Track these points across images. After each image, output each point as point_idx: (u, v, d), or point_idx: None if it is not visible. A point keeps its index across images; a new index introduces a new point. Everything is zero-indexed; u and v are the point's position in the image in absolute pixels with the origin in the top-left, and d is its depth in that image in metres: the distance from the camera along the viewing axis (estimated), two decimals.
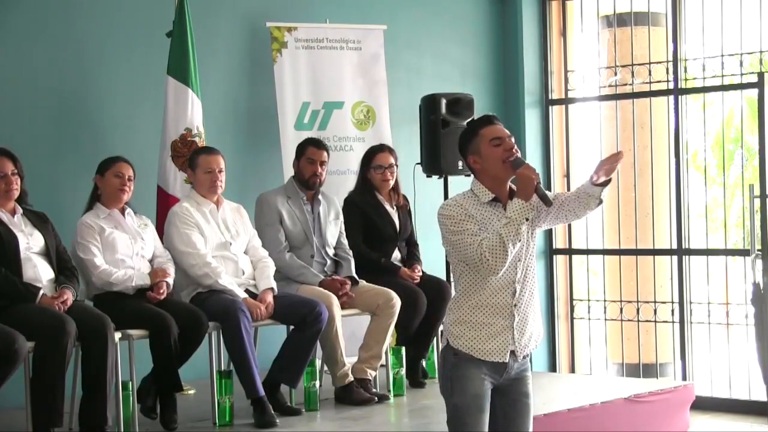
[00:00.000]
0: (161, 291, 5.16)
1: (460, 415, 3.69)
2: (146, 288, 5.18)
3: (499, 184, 3.73)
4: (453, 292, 3.80)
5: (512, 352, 3.70)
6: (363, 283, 5.91)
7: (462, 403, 3.69)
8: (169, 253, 5.41)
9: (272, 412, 5.21)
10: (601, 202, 3.73)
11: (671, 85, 7.59)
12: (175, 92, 6.10)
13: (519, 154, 3.74)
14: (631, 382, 6.86)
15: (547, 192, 3.70)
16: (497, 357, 3.69)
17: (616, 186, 7.93)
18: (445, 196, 6.81)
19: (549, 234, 8.10)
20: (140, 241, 5.29)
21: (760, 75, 6.65)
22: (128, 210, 5.32)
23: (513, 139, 3.76)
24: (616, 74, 7.93)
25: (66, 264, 5.04)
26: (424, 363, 6.19)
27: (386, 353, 5.83)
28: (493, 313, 3.69)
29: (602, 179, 3.67)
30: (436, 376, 3.86)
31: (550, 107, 8.12)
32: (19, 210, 4.96)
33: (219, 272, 5.36)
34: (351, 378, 5.68)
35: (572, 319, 8.14)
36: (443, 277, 6.48)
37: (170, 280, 5.27)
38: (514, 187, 3.73)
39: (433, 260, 6.64)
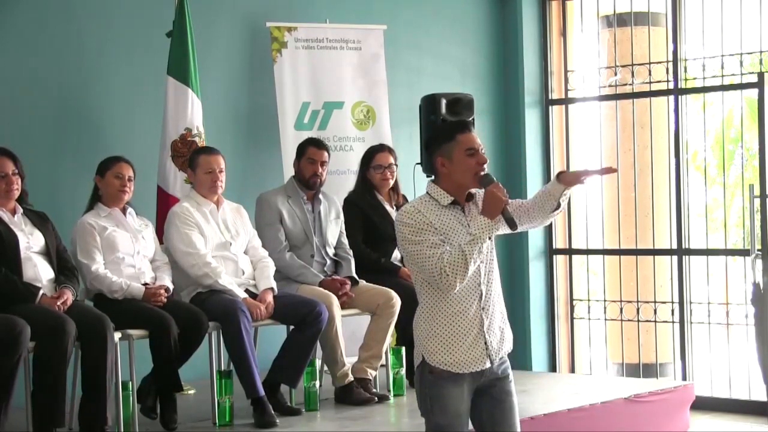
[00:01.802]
0: (161, 298, 5.16)
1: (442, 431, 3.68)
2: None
3: (461, 190, 3.69)
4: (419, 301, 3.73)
5: (488, 357, 3.68)
6: (363, 283, 5.91)
7: (444, 422, 3.67)
8: (166, 257, 5.41)
9: (272, 412, 5.21)
10: (558, 206, 3.70)
11: (671, 85, 7.59)
12: (175, 92, 6.10)
13: (487, 170, 3.67)
14: (631, 382, 6.86)
15: (512, 216, 3.64)
16: (475, 367, 3.66)
17: (616, 186, 7.94)
18: None
19: (549, 234, 8.10)
20: (141, 240, 5.29)
21: (760, 75, 6.65)
22: (129, 209, 5.32)
23: (484, 151, 3.70)
24: (616, 74, 7.93)
25: (66, 264, 5.04)
26: None
27: (386, 353, 5.83)
28: (464, 322, 3.64)
29: (572, 183, 3.67)
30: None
31: (550, 107, 8.12)
32: (20, 210, 4.96)
33: (219, 272, 5.36)
34: (351, 378, 5.68)
35: (572, 319, 8.13)
36: None
37: (168, 283, 5.27)
38: (472, 190, 3.70)
39: None
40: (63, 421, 4.66)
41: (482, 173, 3.65)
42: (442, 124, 3.84)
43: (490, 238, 3.60)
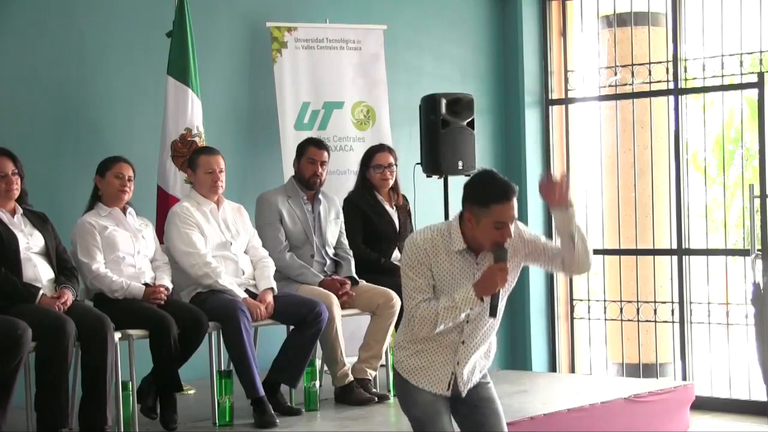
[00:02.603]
0: (161, 296, 5.16)
1: (421, 423, 3.75)
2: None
3: (477, 245, 3.65)
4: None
5: (449, 386, 3.72)
6: (363, 283, 5.91)
7: (419, 413, 3.75)
8: (166, 257, 5.40)
9: (272, 412, 5.21)
10: (572, 238, 3.64)
11: (671, 85, 7.59)
12: (175, 92, 6.10)
13: (511, 238, 3.61)
14: (631, 382, 6.86)
15: (499, 305, 3.61)
16: (436, 389, 3.72)
17: (616, 186, 7.94)
18: (445, 196, 6.81)
19: (549, 234, 8.09)
20: (141, 240, 5.29)
21: (760, 75, 6.65)
22: (130, 209, 5.32)
23: (513, 226, 3.59)
24: (616, 74, 7.93)
25: (66, 264, 5.04)
26: None
27: (386, 353, 5.83)
28: (436, 347, 3.69)
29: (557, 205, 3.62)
30: None
31: (550, 107, 8.12)
32: (19, 210, 4.96)
33: (219, 272, 5.36)
34: (351, 378, 5.68)
35: (572, 319, 8.14)
36: None
37: (167, 282, 5.27)
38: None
39: None
40: (67, 422, 4.65)
41: (499, 247, 3.58)
42: (487, 180, 3.58)
43: (470, 310, 3.58)
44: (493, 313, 3.60)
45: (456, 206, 7.33)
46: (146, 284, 5.18)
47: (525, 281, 7.92)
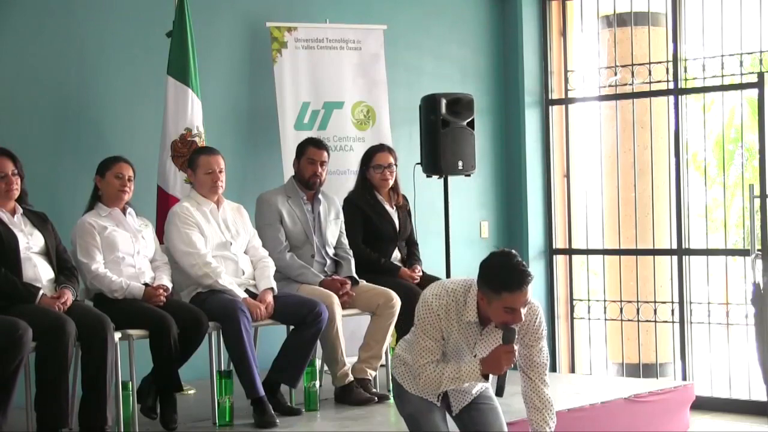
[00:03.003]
0: (160, 297, 5.16)
1: (415, 420, 3.85)
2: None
3: (487, 317, 3.74)
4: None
5: (441, 400, 3.85)
6: (363, 283, 5.91)
7: (412, 410, 3.85)
8: (165, 257, 5.40)
9: (272, 412, 5.21)
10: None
11: (671, 85, 7.59)
12: (175, 92, 6.10)
13: (517, 328, 3.69)
14: (631, 382, 6.86)
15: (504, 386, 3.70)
16: (430, 398, 3.85)
17: (616, 186, 7.95)
18: (445, 196, 6.80)
19: (549, 234, 8.10)
20: (141, 240, 5.29)
21: (760, 75, 6.65)
22: (129, 210, 5.32)
23: (524, 310, 3.66)
24: (616, 74, 7.93)
25: (66, 264, 5.04)
26: None
27: (386, 353, 5.83)
28: (435, 374, 3.77)
29: None
30: None
31: (550, 107, 8.12)
32: (19, 210, 4.96)
33: (219, 272, 5.36)
34: (351, 378, 5.68)
35: (572, 319, 8.14)
36: (443, 277, 6.48)
37: (167, 282, 5.27)
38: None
39: (433, 260, 6.64)
40: (67, 422, 4.65)
41: (508, 329, 3.65)
42: (502, 267, 3.63)
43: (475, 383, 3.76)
44: (499, 393, 3.70)
45: (456, 206, 7.35)
46: (146, 284, 5.17)
47: None
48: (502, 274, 3.62)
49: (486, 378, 3.65)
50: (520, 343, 3.76)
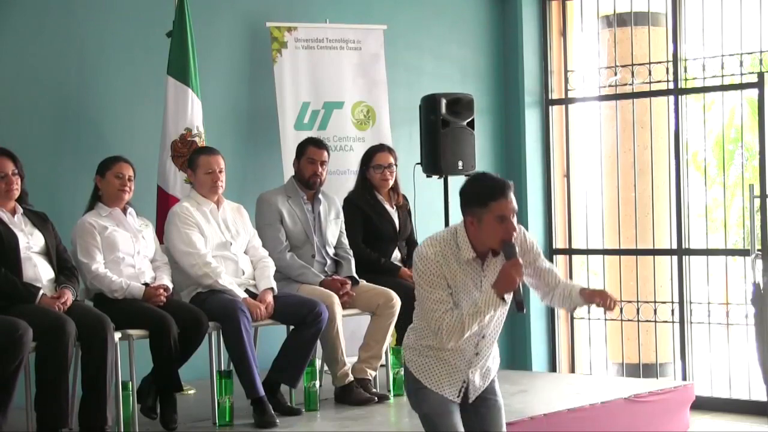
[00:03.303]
0: (161, 298, 5.16)
1: (431, 421, 3.76)
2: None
3: (485, 246, 3.66)
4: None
5: (460, 392, 3.75)
6: (363, 283, 5.91)
7: (430, 411, 3.74)
8: (166, 257, 5.40)
9: (272, 412, 5.21)
10: (573, 309, 3.82)
11: (671, 85, 7.59)
12: (175, 92, 6.10)
13: (516, 233, 3.63)
14: (631, 382, 6.86)
15: (523, 299, 3.63)
16: (447, 394, 3.74)
17: (616, 186, 7.94)
18: (445, 196, 6.81)
19: (549, 234, 8.10)
20: (142, 240, 5.29)
21: (760, 75, 6.65)
22: (130, 210, 5.32)
23: (516, 217, 3.64)
24: (616, 74, 7.93)
25: (66, 264, 5.04)
26: None
27: (386, 353, 5.83)
28: (451, 357, 3.72)
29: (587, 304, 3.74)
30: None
31: (550, 107, 8.12)
32: (20, 210, 4.96)
33: (219, 272, 5.36)
34: (351, 378, 5.68)
35: (572, 319, 8.13)
36: None
37: (167, 282, 5.27)
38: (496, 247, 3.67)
39: None
40: (67, 422, 4.65)
41: (507, 244, 3.60)
42: (480, 181, 3.64)
43: (495, 310, 3.60)
44: (520, 308, 3.60)
45: (455, 206, 7.35)
46: (146, 284, 5.18)
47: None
48: (483, 187, 3.65)
49: (503, 299, 3.56)
50: (527, 266, 3.72)
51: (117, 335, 4.86)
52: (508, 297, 3.61)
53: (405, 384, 3.86)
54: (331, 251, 5.97)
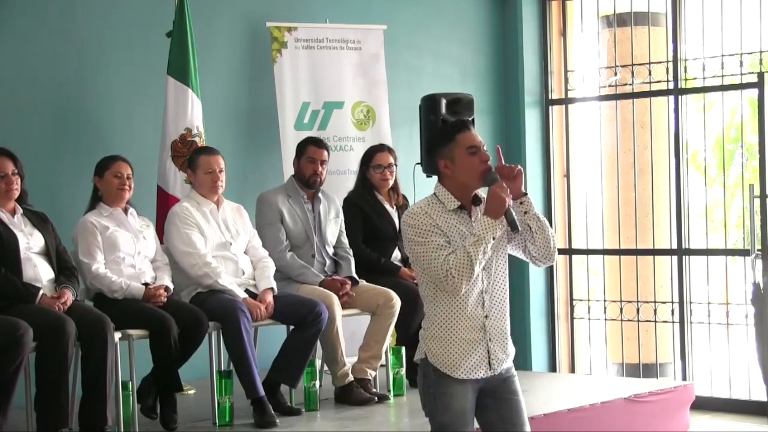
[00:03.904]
0: (161, 298, 5.16)
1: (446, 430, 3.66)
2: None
3: (466, 192, 3.67)
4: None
5: (489, 365, 3.66)
6: (363, 283, 5.91)
7: (447, 420, 3.64)
8: (166, 258, 5.40)
9: (272, 412, 5.21)
10: (530, 227, 3.67)
11: (671, 85, 7.59)
12: (175, 92, 6.10)
13: (492, 168, 3.66)
14: (631, 382, 6.86)
15: (516, 218, 3.62)
16: (475, 374, 3.64)
17: (616, 186, 7.94)
18: None
19: None
20: (142, 241, 5.29)
21: (760, 75, 6.65)
22: (131, 210, 5.32)
23: (486, 148, 3.69)
24: (616, 74, 7.93)
25: (66, 264, 5.04)
26: None
27: (386, 353, 5.83)
28: (465, 327, 3.63)
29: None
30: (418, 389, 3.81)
31: (550, 107, 8.12)
32: (19, 210, 4.96)
33: (219, 272, 5.36)
34: (351, 378, 5.68)
35: (572, 319, 8.13)
36: None
37: (168, 282, 5.27)
38: (479, 194, 3.68)
39: None
40: (67, 422, 4.65)
41: (486, 171, 3.64)
42: (441, 126, 3.82)
43: (494, 238, 3.57)
44: (514, 227, 3.59)
45: None
46: (146, 284, 5.18)
47: (525, 281, 7.92)
48: (445, 127, 3.82)
49: (496, 218, 3.56)
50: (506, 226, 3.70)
51: (117, 335, 4.86)
52: (502, 220, 3.59)
53: (423, 388, 3.70)
54: (331, 251, 5.97)
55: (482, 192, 3.73)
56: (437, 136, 3.78)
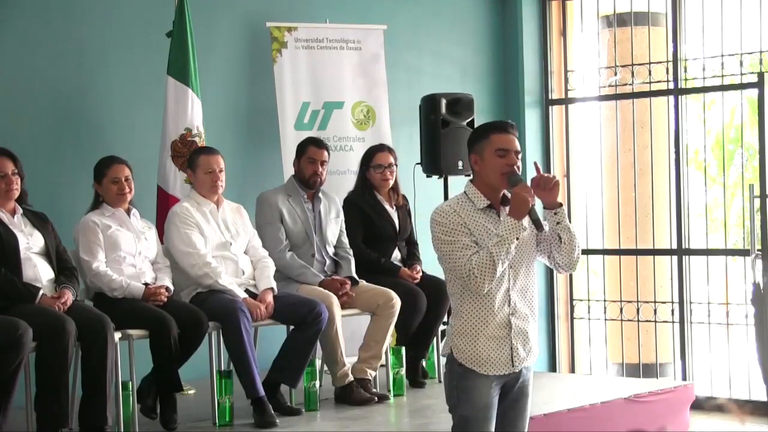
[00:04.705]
0: (162, 297, 5.16)
1: (468, 426, 3.71)
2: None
3: (494, 191, 3.71)
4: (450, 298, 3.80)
5: (512, 362, 3.70)
6: (363, 283, 5.91)
7: (470, 415, 3.70)
8: (167, 260, 5.40)
9: (272, 412, 5.21)
10: (560, 238, 3.70)
11: (671, 85, 7.59)
12: (175, 92, 6.10)
13: (519, 171, 3.69)
14: (631, 382, 6.86)
15: (540, 217, 3.66)
16: (498, 370, 3.69)
17: (616, 186, 7.94)
18: (445, 196, 6.81)
19: None
20: (144, 241, 5.29)
21: (760, 75, 6.65)
22: (134, 211, 5.32)
23: (519, 156, 3.71)
24: (616, 74, 7.94)
25: (66, 264, 5.04)
26: (424, 363, 6.19)
27: (386, 353, 5.83)
28: (491, 324, 3.67)
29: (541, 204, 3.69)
30: (443, 384, 3.86)
31: (550, 107, 8.12)
32: (19, 210, 4.96)
33: (219, 272, 5.36)
34: (351, 378, 5.68)
35: (572, 319, 8.14)
36: (443, 278, 6.46)
37: (168, 283, 5.27)
38: (507, 194, 3.71)
39: (433, 260, 6.57)
40: (67, 422, 4.65)
41: (509, 174, 3.66)
42: (485, 123, 3.86)
43: (517, 238, 3.60)
44: (538, 226, 3.63)
45: None
46: (146, 284, 5.17)
47: None
48: (487, 123, 3.84)
49: (520, 219, 3.58)
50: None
51: (117, 335, 4.86)
52: (527, 221, 3.61)
53: (448, 382, 3.76)
54: (331, 251, 5.97)
55: None
56: (475, 131, 3.82)
